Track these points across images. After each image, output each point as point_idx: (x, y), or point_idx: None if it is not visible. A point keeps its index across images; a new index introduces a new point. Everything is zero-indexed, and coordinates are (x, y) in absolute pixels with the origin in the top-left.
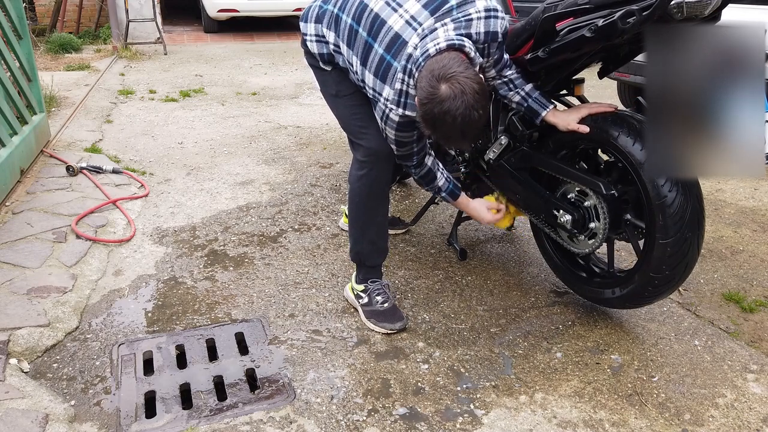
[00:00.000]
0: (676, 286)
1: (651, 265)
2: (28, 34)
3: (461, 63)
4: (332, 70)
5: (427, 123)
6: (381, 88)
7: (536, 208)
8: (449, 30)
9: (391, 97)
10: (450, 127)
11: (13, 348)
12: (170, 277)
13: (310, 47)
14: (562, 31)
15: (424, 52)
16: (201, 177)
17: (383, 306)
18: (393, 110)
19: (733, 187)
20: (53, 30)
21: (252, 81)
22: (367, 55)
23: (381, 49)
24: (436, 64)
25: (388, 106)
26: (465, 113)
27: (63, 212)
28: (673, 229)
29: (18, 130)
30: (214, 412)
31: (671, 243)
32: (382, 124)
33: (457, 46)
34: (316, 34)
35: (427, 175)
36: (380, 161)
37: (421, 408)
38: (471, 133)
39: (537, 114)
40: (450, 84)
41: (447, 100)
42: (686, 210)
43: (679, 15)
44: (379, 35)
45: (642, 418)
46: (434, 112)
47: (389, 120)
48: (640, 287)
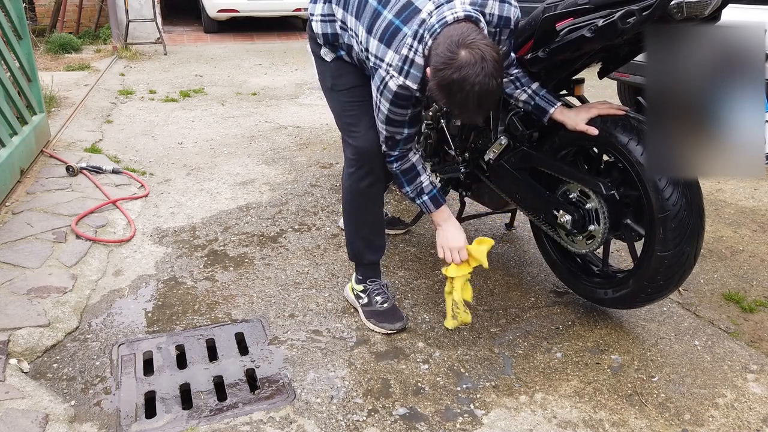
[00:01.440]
0: (668, 294)
1: (647, 274)
2: (28, 35)
3: (480, 32)
4: (332, 61)
5: (443, 90)
6: (384, 53)
7: (536, 207)
8: (466, 2)
9: (395, 62)
10: (467, 94)
11: (13, 348)
12: (170, 277)
13: (315, 27)
14: (562, 31)
15: (441, 19)
16: (201, 177)
17: (383, 306)
18: (394, 78)
19: (733, 187)
20: (53, 30)
21: (252, 81)
22: (374, 21)
23: (390, 14)
24: (454, 31)
25: (390, 73)
26: (484, 81)
27: (63, 212)
28: (672, 243)
29: (18, 130)
30: (214, 413)
31: (669, 256)
32: (378, 95)
33: (474, 19)
34: (322, 14)
35: (410, 171)
36: (370, 160)
37: (421, 408)
38: (487, 103)
39: (545, 112)
40: (470, 50)
41: (466, 66)
42: (687, 225)
43: (679, 15)
44: (390, 2)
45: (642, 418)
46: (452, 78)
47: (386, 89)
48: (633, 292)
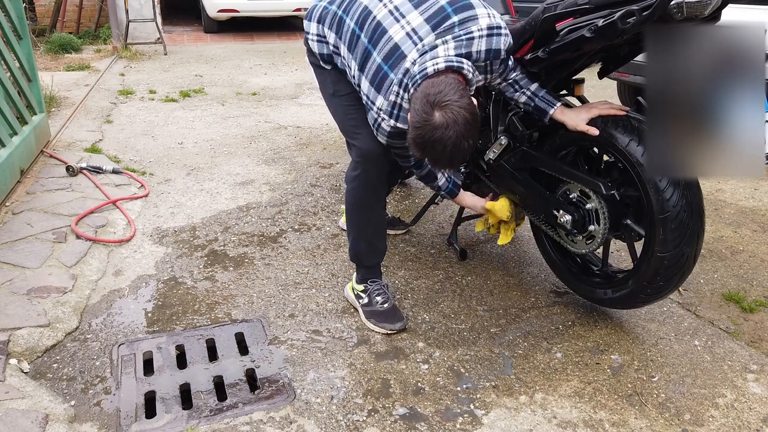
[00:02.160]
0: (668, 294)
1: (646, 275)
2: (28, 35)
3: (457, 89)
4: (331, 69)
5: (418, 146)
6: (375, 98)
7: (536, 207)
8: (449, 49)
9: (385, 107)
10: (439, 153)
11: (13, 348)
12: (170, 277)
13: (312, 46)
14: (562, 31)
15: (422, 70)
16: (201, 177)
17: (383, 306)
18: (385, 120)
19: (733, 187)
20: (53, 30)
21: (252, 81)
22: (365, 61)
23: (379, 58)
24: (432, 88)
25: (381, 116)
26: (456, 142)
27: (63, 212)
28: (672, 243)
29: (18, 130)
30: (214, 413)
31: (668, 257)
32: (375, 131)
33: (455, 68)
34: (317, 34)
35: (428, 175)
36: (373, 161)
37: (421, 408)
38: (458, 159)
39: (545, 113)
40: (444, 112)
41: (439, 129)
42: (687, 226)
43: (679, 15)
44: (379, 44)
45: (642, 418)
46: (425, 138)
47: (381, 128)
48: (633, 293)
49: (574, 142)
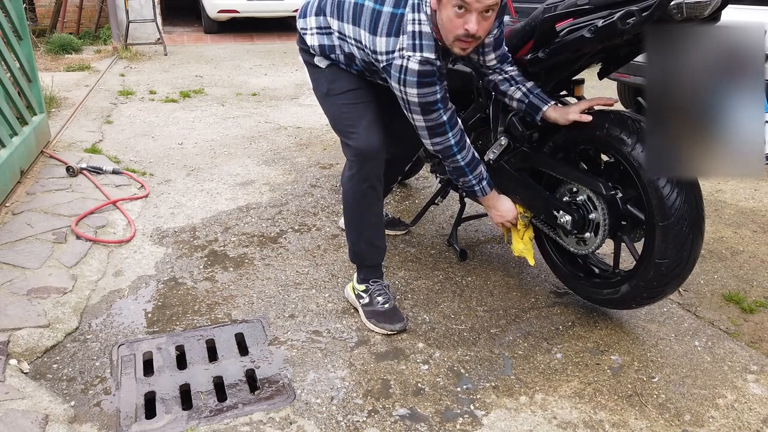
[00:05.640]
0: (668, 295)
1: (644, 278)
2: (29, 35)
3: None
4: (326, 67)
5: None
6: (395, 44)
7: (536, 208)
8: None
9: (406, 43)
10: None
11: (13, 348)
12: (170, 277)
13: (309, 40)
14: (561, 31)
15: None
16: (201, 178)
17: (384, 306)
18: (411, 58)
19: (733, 187)
20: (53, 31)
21: (252, 82)
22: (377, 21)
23: (389, 7)
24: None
25: (405, 56)
26: None
27: (63, 213)
28: (672, 245)
29: (18, 130)
30: (214, 413)
31: (667, 263)
32: (401, 88)
33: None
34: (317, 27)
35: (472, 160)
36: (369, 161)
37: (421, 409)
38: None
39: (538, 109)
40: None
41: None
42: (688, 227)
43: (679, 15)
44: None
45: (642, 418)
46: None
47: (408, 74)
48: (632, 293)
49: (575, 142)
